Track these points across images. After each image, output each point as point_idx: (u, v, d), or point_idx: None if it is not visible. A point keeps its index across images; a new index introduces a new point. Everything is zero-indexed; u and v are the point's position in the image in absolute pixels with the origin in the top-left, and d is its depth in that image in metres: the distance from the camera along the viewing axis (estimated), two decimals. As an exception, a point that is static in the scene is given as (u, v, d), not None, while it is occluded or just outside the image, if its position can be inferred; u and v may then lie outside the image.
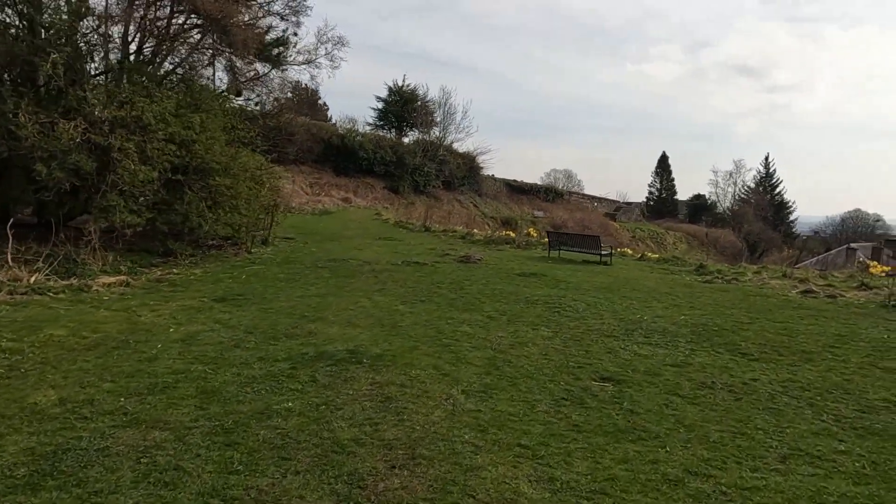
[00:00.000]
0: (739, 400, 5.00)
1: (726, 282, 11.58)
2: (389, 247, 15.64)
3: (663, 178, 66.24)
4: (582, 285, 10.55)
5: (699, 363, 6.02)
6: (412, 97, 41.62)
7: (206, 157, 11.77)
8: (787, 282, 11.47)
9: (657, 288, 10.60)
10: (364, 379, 4.95)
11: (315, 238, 17.09)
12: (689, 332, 7.33)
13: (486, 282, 10.55)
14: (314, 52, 20.35)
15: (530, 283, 10.66)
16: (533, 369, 5.62)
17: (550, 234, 15.49)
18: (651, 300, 9.37)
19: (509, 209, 46.44)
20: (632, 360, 6.05)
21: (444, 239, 18.74)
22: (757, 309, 8.86)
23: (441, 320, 7.56)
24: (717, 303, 9.32)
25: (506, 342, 6.58)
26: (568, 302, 8.95)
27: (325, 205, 31.42)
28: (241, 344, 5.98)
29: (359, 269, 11.53)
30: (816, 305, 9.31)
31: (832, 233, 66.44)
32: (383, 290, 9.54)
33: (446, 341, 6.49)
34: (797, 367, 5.95)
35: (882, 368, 5.86)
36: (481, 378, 5.25)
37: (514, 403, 4.69)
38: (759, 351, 6.50)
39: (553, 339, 6.84)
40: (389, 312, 7.93)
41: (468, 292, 9.56)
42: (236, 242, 13.55)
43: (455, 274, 11.33)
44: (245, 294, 8.81)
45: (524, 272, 11.72)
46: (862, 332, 7.38)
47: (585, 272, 12.32)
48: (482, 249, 16.11)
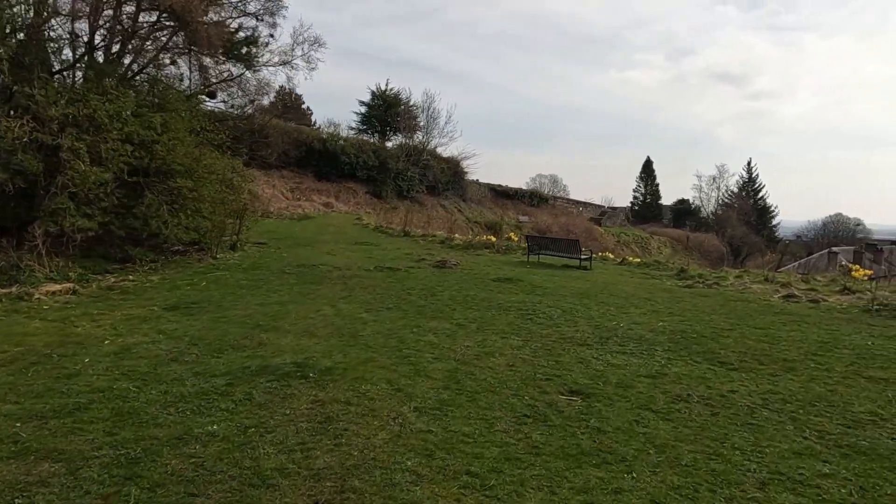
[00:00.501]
0: (716, 415, 4.61)
1: (707, 286, 11.27)
2: (364, 252, 15.17)
3: (648, 182, 66.51)
4: (558, 291, 10.16)
5: (675, 373, 5.64)
6: (395, 101, 41.23)
7: (168, 159, 11.24)
8: (769, 286, 11.19)
9: (636, 293, 10.24)
10: (306, 396, 4.48)
11: (288, 243, 16.56)
12: (666, 339, 6.95)
13: (459, 288, 10.13)
14: (290, 54, 19.88)
15: (505, 288, 10.26)
16: (496, 382, 5.19)
17: (529, 239, 15.13)
18: (629, 306, 9.00)
19: (494, 214, 46.17)
20: (604, 371, 5.65)
21: (423, 244, 18.31)
22: (738, 315, 8.53)
23: (405, 329, 7.12)
24: (696, 308, 8.98)
25: (471, 352, 6.15)
26: (542, 308, 8.56)
27: (306, 210, 30.88)
28: (181, 357, 5.48)
29: (327, 275, 11.05)
30: (798, 311, 9.01)
31: (814, 237, 67.17)
32: (349, 297, 9.07)
33: (407, 352, 6.04)
34: (778, 377, 5.59)
35: (867, 378, 5.52)
36: (438, 393, 4.81)
37: (471, 422, 4.25)
38: (739, 360, 6.14)
39: (522, 348, 6.42)
40: (351, 321, 7.47)
41: (439, 299, 9.12)
42: (203, 248, 12.99)
43: (428, 280, 10.89)
44: (200, 302, 8.29)
45: (500, 278, 11.32)
46: (845, 338, 7.06)
47: (563, 277, 11.95)
48: (460, 254, 15.69)
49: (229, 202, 14.11)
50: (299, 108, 55.34)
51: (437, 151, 42.09)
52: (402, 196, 38.77)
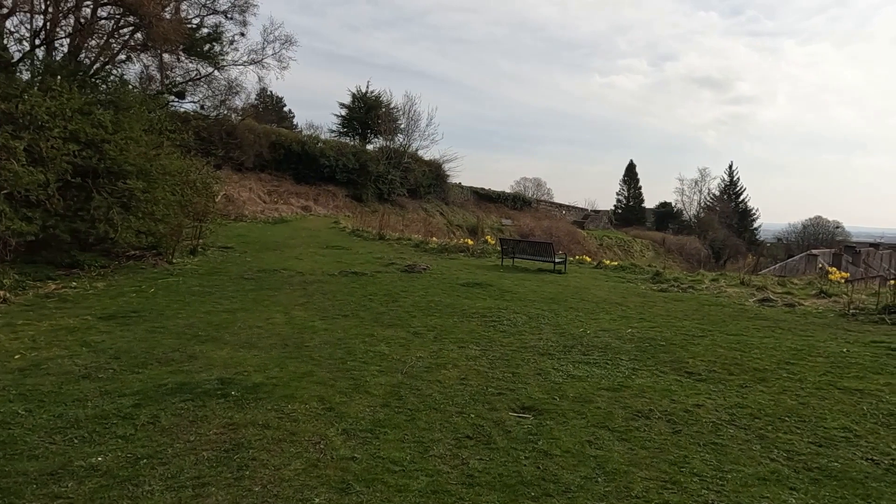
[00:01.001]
0: (678, 433, 4.20)
1: (682, 290, 10.94)
2: (334, 256, 14.66)
3: (631, 186, 66.69)
4: (528, 296, 9.76)
5: (639, 386, 5.23)
6: (376, 103, 40.68)
7: (120, 159, 10.65)
8: (745, 290, 10.89)
9: (608, 298, 9.87)
10: (219, 418, 3.99)
11: (257, 247, 15.98)
12: (633, 347, 6.56)
13: (424, 293, 9.68)
14: (261, 52, 19.31)
15: (473, 294, 9.82)
16: (443, 398, 4.74)
17: (503, 242, 14.72)
18: (599, 312, 8.62)
19: (477, 217, 45.83)
20: (562, 384, 5.22)
21: (398, 247, 17.84)
22: (710, 320, 8.19)
23: (357, 338, 6.64)
24: (669, 314, 8.62)
25: (422, 364, 5.69)
26: (508, 315, 8.13)
27: (283, 213, 30.27)
28: (95, 373, 4.95)
29: (288, 281, 10.53)
30: (774, 315, 8.69)
31: (794, 239, 67.90)
32: (306, 304, 8.57)
33: (352, 364, 5.57)
34: (748, 388, 5.22)
35: (841, 389, 5.16)
36: (374, 412, 4.35)
37: (404, 446, 3.79)
38: (708, 370, 5.76)
39: (479, 358, 5.99)
40: (301, 330, 6.98)
41: (401, 305, 8.66)
42: (161, 252, 12.40)
43: (394, 285, 10.43)
44: (142, 310, 7.74)
45: (469, 282, 10.89)
46: (820, 345, 6.72)
47: (535, 281, 11.55)
48: (434, 258, 15.26)
49: (190, 204, 13.55)
50: (280, 110, 54.70)
51: (418, 154, 41.62)
52: (383, 199, 38.23)
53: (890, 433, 4.23)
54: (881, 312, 8.50)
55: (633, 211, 64.38)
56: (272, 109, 53.75)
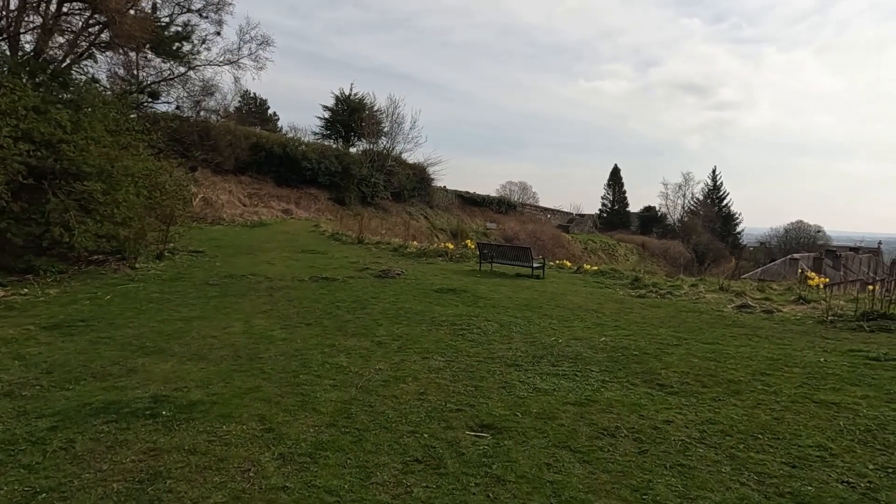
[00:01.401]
0: (644, 453, 3.92)
1: (660, 296, 10.73)
2: (308, 260, 14.27)
3: (615, 190, 66.95)
4: (502, 302, 9.47)
5: (607, 400, 4.95)
6: (360, 106, 40.23)
7: (78, 160, 10.20)
8: (724, 295, 10.71)
9: (584, 304, 9.62)
10: (141, 443, 3.64)
11: (229, 251, 15.54)
12: (605, 358, 6.29)
13: (395, 300, 9.35)
14: (237, 52, 18.86)
15: (446, 300, 9.52)
16: (396, 416, 4.42)
17: (481, 246, 14.44)
18: (574, 319, 8.36)
19: (461, 221, 45.57)
20: (527, 399, 4.93)
21: (376, 252, 17.49)
22: (687, 328, 7.96)
23: (316, 349, 6.30)
24: (645, 321, 8.38)
25: (380, 377, 5.37)
26: (479, 323, 7.84)
27: (263, 216, 29.72)
28: (18, 391, 4.56)
29: (255, 287, 10.14)
30: (751, 322, 8.49)
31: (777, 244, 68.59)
32: (269, 312, 8.21)
33: (304, 378, 5.23)
34: (721, 402, 4.96)
35: (817, 402, 4.93)
36: (318, 433, 4.01)
37: (345, 472, 3.47)
38: (681, 381, 5.50)
39: (442, 371, 5.67)
40: (258, 340, 6.62)
41: (368, 312, 8.33)
42: (125, 257, 11.94)
43: (364, 291, 10.09)
44: (91, 319, 7.32)
45: (443, 288, 10.58)
46: (797, 354, 6.51)
47: (512, 287, 11.28)
48: (411, 262, 14.94)
49: (159, 207, 13.11)
50: (264, 112, 54.00)
51: (402, 157, 41.22)
52: (366, 203, 37.79)
53: (867, 451, 3.99)
54: (859, 319, 8.34)
55: (618, 215, 64.61)
56: (256, 112, 53.12)
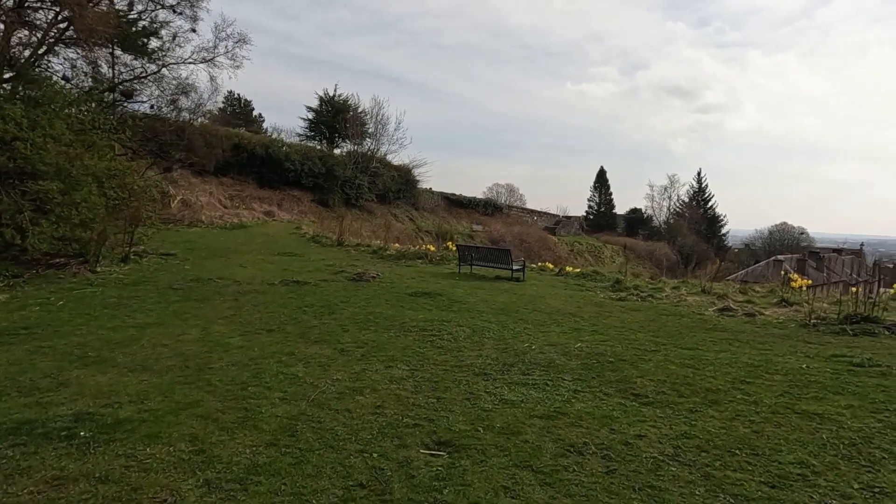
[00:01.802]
0: (612, 473, 3.60)
1: (641, 299, 10.47)
2: (283, 263, 13.85)
3: (602, 192, 67.01)
4: (477, 306, 9.14)
5: (577, 412, 4.63)
6: (344, 107, 39.76)
7: (33, 158, 9.71)
8: (706, 298, 10.47)
9: (563, 308, 9.31)
10: (48, 469, 3.24)
11: (202, 254, 15.06)
12: (579, 365, 5.98)
13: (366, 304, 8.98)
14: (212, 50, 18.37)
15: (419, 304, 9.16)
16: (346, 433, 4.05)
17: (460, 249, 14.11)
18: (550, 323, 8.04)
19: (447, 223, 45.25)
20: (491, 411, 4.59)
21: (355, 254, 17.11)
22: (666, 332, 7.67)
23: (273, 357, 5.92)
24: (623, 325, 8.09)
25: (336, 389, 5.00)
26: (450, 328, 7.49)
27: (244, 218, 29.15)
28: (-72, 408, 4.13)
29: (221, 291, 9.72)
30: (733, 326, 8.24)
31: (761, 245, 69.12)
32: (231, 317, 7.80)
33: (253, 390, 4.85)
34: (698, 413, 4.66)
35: (799, 413, 4.64)
36: (255, 454, 3.64)
37: (276, 501, 3.10)
38: (657, 391, 5.19)
39: (404, 381, 5.32)
40: (213, 348, 6.21)
41: (337, 318, 7.95)
42: (87, 260, 11.43)
43: (336, 295, 9.70)
44: (35, 326, 6.87)
45: (419, 291, 10.22)
46: (778, 360, 6.24)
47: (490, 290, 10.95)
48: (390, 265, 14.57)
49: (126, 208, 12.63)
50: (249, 113, 53.28)
51: (387, 159, 40.74)
52: (351, 204, 37.32)
53: (851, 468, 3.70)
54: (843, 322, 8.13)
55: (605, 217, 64.68)
56: (240, 113, 52.43)
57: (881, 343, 7.13)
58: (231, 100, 53.17)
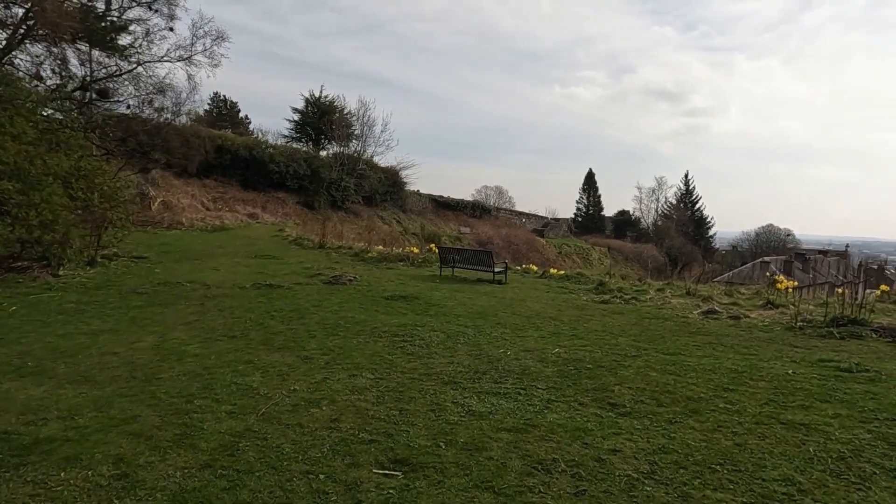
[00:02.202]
0: (581, 494, 3.28)
1: (625, 301, 10.19)
2: (259, 266, 13.43)
3: (590, 194, 67.03)
4: (455, 310, 8.80)
5: (549, 424, 4.31)
6: (330, 108, 39.27)
7: (-10, 157, 9.26)
8: (690, 300, 10.22)
9: (543, 311, 9.01)
10: (-63, 501, 2.87)
11: (176, 257, 14.61)
12: (555, 372, 5.66)
13: (338, 308, 8.61)
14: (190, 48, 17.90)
15: (394, 308, 8.81)
16: (293, 451, 3.70)
17: (441, 251, 13.77)
18: (528, 328, 7.72)
19: (435, 225, 44.94)
20: (457, 424, 4.26)
21: (336, 257, 16.71)
22: (648, 336, 7.38)
23: (229, 366, 5.54)
24: (604, 329, 7.79)
25: (290, 401, 4.64)
26: (424, 333, 7.15)
27: (226, 221, 28.64)
28: None
29: (188, 295, 9.31)
30: (717, 329, 7.97)
31: (748, 247, 69.54)
32: (193, 323, 7.40)
33: (199, 403, 4.48)
34: (678, 424, 4.36)
35: (784, 424, 4.35)
36: (186, 477, 3.27)
37: (200, 533, 2.74)
38: (635, 399, 4.89)
39: (367, 391, 4.97)
40: (166, 356, 5.83)
41: (305, 323, 7.58)
42: (50, 263, 10.97)
43: (308, 298, 9.33)
44: (-22, 334, 6.44)
45: (395, 295, 9.87)
46: (763, 365, 5.96)
47: (470, 293, 10.62)
48: (370, 268, 14.20)
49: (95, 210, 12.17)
50: (235, 115, 52.64)
51: (373, 161, 40.28)
52: (337, 207, 36.84)
53: (840, 486, 3.41)
54: (829, 325, 7.89)
55: (593, 219, 64.67)
56: (227, 114, 51.83)
57: (868, 346, 6.89)
58: (217, 101, 52.51)
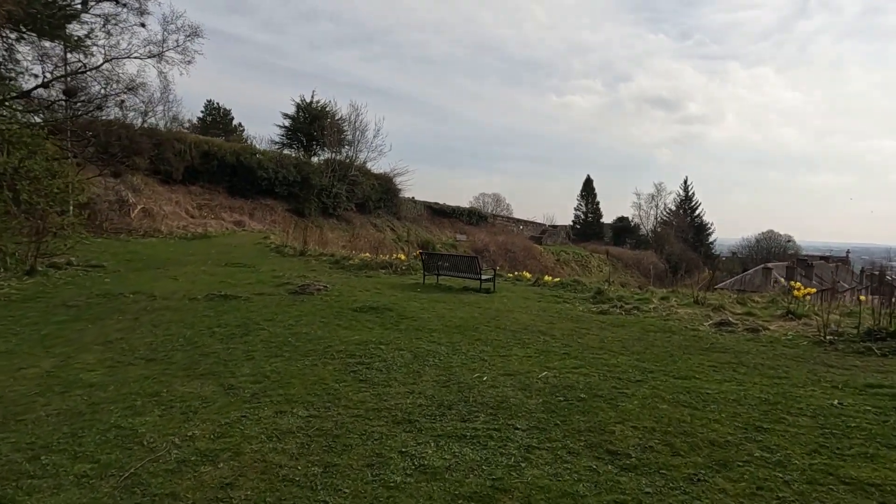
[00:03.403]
0: None
1: (625, 312, 9.02)
2: (225, 275, 12.26)
3: (588, 201, 66.03)
4: (430, 324, 7.62)
5: (526, 487, 3.13)
6: (322, 113, 38.16)
7: None
8: (699, 310, 9.05)
9: (533, 324, 7.83)
10: None
11: (138, 265, 13.44)
12: (540, 405, 4.48)
13: (294, 322, 7.44)
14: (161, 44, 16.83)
15: (360, 322, 7.63)
16: (144, 542, 2.51)
17: (424, 256, 12.60)
18: (513, 345, 6.54)
19: (430, 233, 43.84)
20: (398, 489, 3.08)
21: (315, 264, 15.56)
22: (654, 354, 6.20)
23: (125, 401, 4.36)
24: (603, 346, 6.61)
25: (178, 455, 3.45)
26: (387, 353, 5.97)
27: (210, 228, 27.49)
28: None
29: (125, 308, 8.13)
30: (734, 345, 6.79)
31: (748, 253, 68.45)
32: (114, 343, 6.23)
33: (47, 461, 3.30)
34: (703, 484, 3.18)
35: (848, 483, 3.17)
36: None
37: None
38: (642, 445, 3.71)
39: (291, 436, 3.79)
40: (51, 387, 4.65)
41: (247, 341, 6.40)
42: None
43: (263, 311, 8.15)
44: None
45: (366, 306, 8.69)
46: (798, 393, 4.79)
47: (451, 303, 9.45)
48: (349, 276, 13.04)
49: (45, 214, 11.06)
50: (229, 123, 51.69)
51: (366, 167, 39.15)
52: (328, 214, 35.67)
53: None
54: (865, 339, 6.73)
55: (592, 226, 63.60)
56: (220, 122, 50.96)
57: (921, 366, 5.72)
58: (210, 108, 51.64)
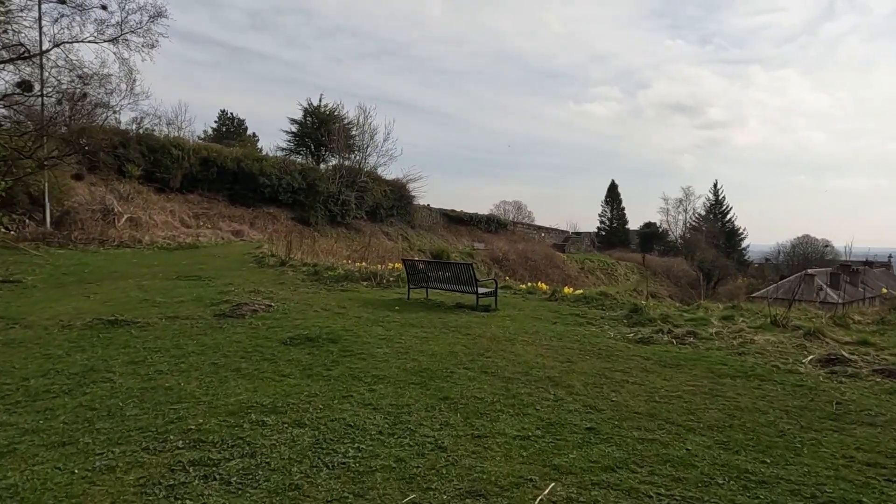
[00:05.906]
0: None
1: (677, 340, 6.24)
2: (158, 292, 9.87)
3: (613, 206, 62.80)
4: (380, 366, 4.98)
5: None
6: (330, 118, 35.87)
7: None
8: (785, 337, 6.23)
9: (539, 364, 5.12)
10: None
11: (70, 279, 11.25)
12: None
13: (174, 363, 4.89)
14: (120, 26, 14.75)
15: (278, 363, 5.04)
16: None
17: (408, 265, 9.96)
18: (502, 409, 3.86)
19: (446, 241, 41.24)
20: None
21: (291, 275, 13.09)
22: (749, 431, 3.45)
23: None
24: (655, 411, 3.87)
25: None
26: (270, 434, 3.38)
27: (203, 238, 25.37)
28: None
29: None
30: (866, 402, 3.99)
31: (784, 259, 64.19)
32: None
33: None
34: None
35: None
36: None
37: None
38: None
39: None
40: None
41: (59, 404, 3.89)
42: None
43: (149, 345, 5.65)
44: None
45: (303, 336, 6.10)
46: None
47: (430, 328, 6.79)
48: (318, 289, 10.52)
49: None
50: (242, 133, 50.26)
51: (377, 173, 36.71)
52: (336, 222, 33.27)
53: None
54: None
55: (617, 233, 60.27)
56: (234, 131, 49.75)
57: None
58: (224, 119, 50.53)
